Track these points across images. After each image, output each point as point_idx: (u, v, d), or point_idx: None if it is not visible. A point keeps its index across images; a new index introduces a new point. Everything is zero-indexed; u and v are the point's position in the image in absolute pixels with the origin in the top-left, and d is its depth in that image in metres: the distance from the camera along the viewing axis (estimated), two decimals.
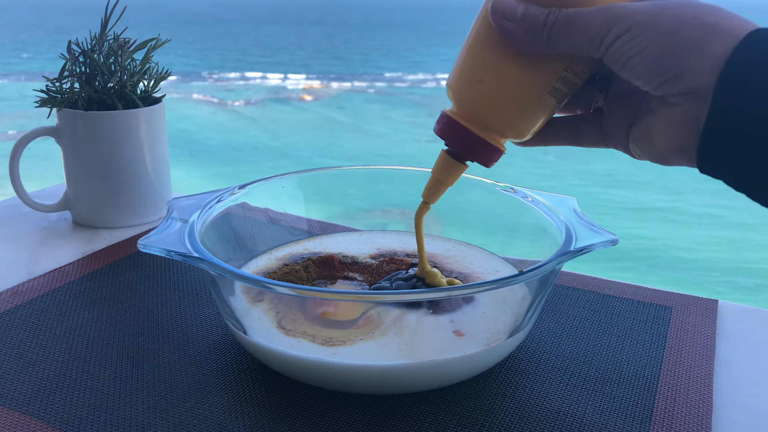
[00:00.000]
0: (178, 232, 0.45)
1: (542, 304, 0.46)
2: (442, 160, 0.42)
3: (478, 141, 0.39)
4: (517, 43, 0.36)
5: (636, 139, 0.37)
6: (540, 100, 0.37)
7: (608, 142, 0.40)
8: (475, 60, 0.38)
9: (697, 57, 0.31)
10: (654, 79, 0.33)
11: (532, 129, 0.39)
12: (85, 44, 0.67)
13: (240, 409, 0.41)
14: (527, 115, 0.38)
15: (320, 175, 0.60)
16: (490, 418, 0.40)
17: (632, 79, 0.34)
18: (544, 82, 0.37)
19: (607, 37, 0.33)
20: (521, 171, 5.65)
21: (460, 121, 0.39)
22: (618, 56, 0.33)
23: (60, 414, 0.40)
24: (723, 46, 0.31)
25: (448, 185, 0.43)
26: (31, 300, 0.53)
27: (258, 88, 11.26)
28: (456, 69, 0.39)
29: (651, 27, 0.32)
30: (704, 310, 0.54)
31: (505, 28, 0.35)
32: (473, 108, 0.39)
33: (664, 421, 0.40)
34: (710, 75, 0.31)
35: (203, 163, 6.37)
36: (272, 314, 0.45)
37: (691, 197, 5.17)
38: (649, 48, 0.32)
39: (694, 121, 0.32)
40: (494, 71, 0.37)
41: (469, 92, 0.39)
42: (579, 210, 0.49)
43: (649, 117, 0.35)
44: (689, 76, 0.32)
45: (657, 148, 0.35)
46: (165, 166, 0.72)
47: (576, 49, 0.34)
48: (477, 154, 0.40)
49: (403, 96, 10.43)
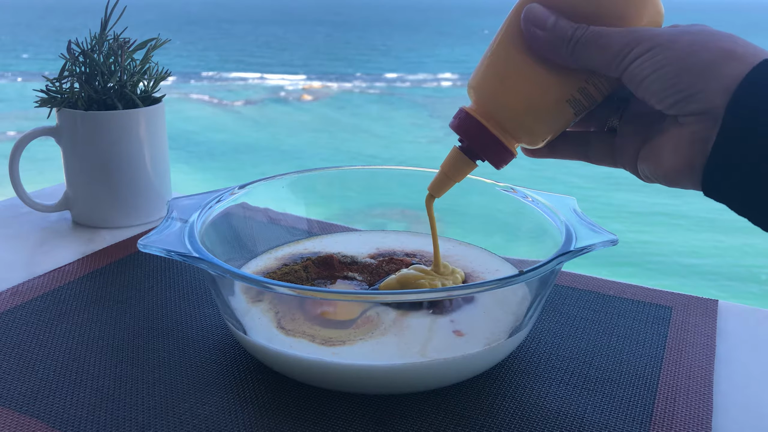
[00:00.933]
0: (178, 232, 0.45)
1: (542, 304, 0.46)
2: (453, 156, 0.43)
3: (493, 140, 0.40)
4: (543, 51, 0.37)
5: (645, 158, 0.37)
6: (559, 108, 0.38)
7: (617, 162, 0.40)
8: (500, 60, 0.39)
9: (711, 79, 0.32)
10: (668, 98, 0.33)
11: (546, 136, 0.40)
12: (85, 44, 0.67)
13: (240, 409, 0.41)
14: (544, 120, 0.39)
15: (320, 175, 0.60)
16: (490, 418, 0.40)
17: (647, 98, 0.35)
18: (564, 90, 0.38)
19: (627, 57, 0.34)
20: (521, 172, 5.64)
21: (479, 119, 0.40)
22: (635, 75, 0.34)
23: (60, 414, 0.40)
24: (736, 71, 0.32)
25: (456, 181, 0.44)
26: (31, 300, 0.53)
27: (258, 88, 11.26)
28: (480, 67, 0.40)
29: (669, 48, 0.33)
30: (704, 310, 0.54)
31: (534, 35, 0.37)
32: (492, 108, 0.39)
33: (664, 421, 0.40)
34: (722, 97, 0.32)
35: (203, 163, 6.37)
36: (272, 314, 0.45)
37: (693, 201, 5.16)
38: (665, 68, 0.33)
39: (703, 142, 0.33)
40: (517, 73, 0.38)
41: (490, 91, 0.39)
42: (579, 210, 0.49)
43: (660, 137, 0.36)
44: (702, 97, 0.32)
45: (664, 167, 0.36)
46: (165, 166, 0.72)
47: (597, 65, 0.36)
48: (489, 154, 0.40)
49: (403, 96, 10.43)
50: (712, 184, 0.34)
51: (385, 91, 11.03)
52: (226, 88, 11.12)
